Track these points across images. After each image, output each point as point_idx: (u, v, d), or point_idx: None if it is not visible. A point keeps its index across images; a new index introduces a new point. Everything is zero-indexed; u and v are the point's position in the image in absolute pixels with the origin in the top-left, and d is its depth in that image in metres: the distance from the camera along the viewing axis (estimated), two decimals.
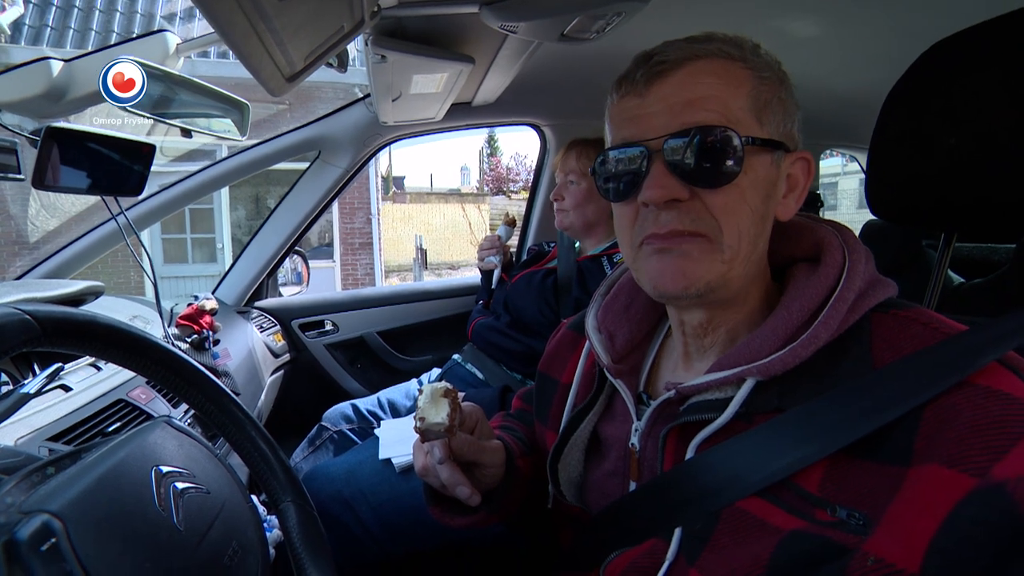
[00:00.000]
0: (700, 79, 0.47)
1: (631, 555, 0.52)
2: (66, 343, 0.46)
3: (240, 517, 0.51)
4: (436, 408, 0.52)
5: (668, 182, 0.47)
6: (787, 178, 0.52)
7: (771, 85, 0.49)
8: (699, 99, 0.47)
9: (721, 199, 0.47)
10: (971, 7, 0.71)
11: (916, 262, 1.76)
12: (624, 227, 0.53)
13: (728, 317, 0.53)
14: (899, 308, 0.47)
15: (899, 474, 0.38)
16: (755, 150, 0.48)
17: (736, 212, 0.47)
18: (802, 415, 0.44)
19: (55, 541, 0.34)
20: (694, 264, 0.48)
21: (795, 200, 0.53)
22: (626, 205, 0.52)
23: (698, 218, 0.47)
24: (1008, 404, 0.36)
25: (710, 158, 0.46)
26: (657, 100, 0.48)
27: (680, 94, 0.48)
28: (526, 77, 1.42)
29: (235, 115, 1.06)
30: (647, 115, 0.49)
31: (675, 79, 0.48)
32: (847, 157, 2.82)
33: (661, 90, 0.48)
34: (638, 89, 0.49)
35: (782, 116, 0.50)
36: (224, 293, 1.75)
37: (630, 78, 0.50)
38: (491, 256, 1.62)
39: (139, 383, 0.93)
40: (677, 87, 0.48)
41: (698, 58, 0.48)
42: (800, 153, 0.52)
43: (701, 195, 0.47)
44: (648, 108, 0.49)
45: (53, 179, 0.96)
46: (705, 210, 0.47)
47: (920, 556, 0.35)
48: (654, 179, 0.48)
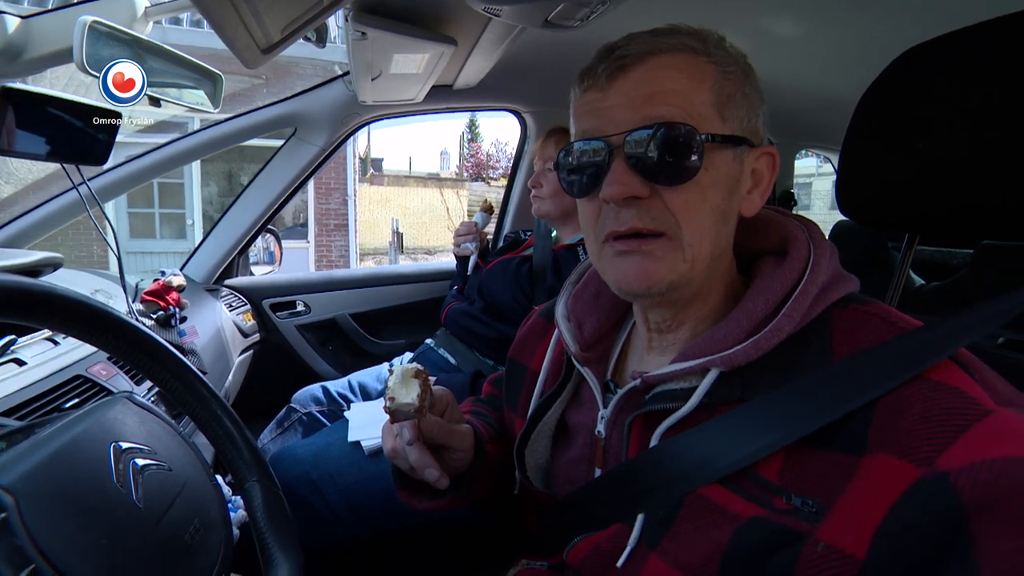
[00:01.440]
0: (662, 73, 0.47)
1: (595, 539, 0.53)
2: (20, 315, 0.45)
3: (203, 496, 0.50)
4: (406, 388, 0.52)
5: (628, 179, 0.47)
6: (752, 173, 0.52)
7: (735, 79, 0.49)
8: (660, 93, 0.47)
9: (681, 197, 0.47)
10: (947, 16, 0.73)
11: (881, 263, 1.82)
12: (588, 222, 0.52)
13: (691, 314, 0.54)
14: (859, 303, 0.48)
15: (852, 463, 0.39)
16: (716, 146, 0.47)
17: (696, 210, 0.47)
18: (763, 405, 0.45)
19: (5, 516, 0.33)
20: (656, 264, 0.48)
21: (760, 195, 0.53)
22: (589, 201, 0.51)
23: (658, 216, 0.47)
24: (956, 398, 0.38)
25: (671, 154, 0.46)
26: (618, 94, 0.48)
27: (641, 88, 0.47)
28: (508, 62, 1.41)
29: (208, 86, 1.02)
30: (608, 108, 0.48)
31: (637, 73, 0.47)
32: (822, 158, 2.89)
33: (623, 84, 0.48)
34: (600, 83, 0.49)
35: (746, 111, 0.50)
36: (193, 270, 1.70)
37: (592, 71, 0.50)
38: (467, 242, 1.61)
39: (99, 359, 0.90)
40: (638, 81, 0.47)
41: (661, 52, 0.47)
42: (765, 148, 0.52)
43: (661, 192, 0.47)
44: (609, 102, 0.48)
45: (8, 143, 0.91)
46: (665, 208, 0.47)
47: (867, 542, 0.36)
48: (614, 176, 0.47)
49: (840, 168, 0.74)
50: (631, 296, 0.52)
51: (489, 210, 1.71)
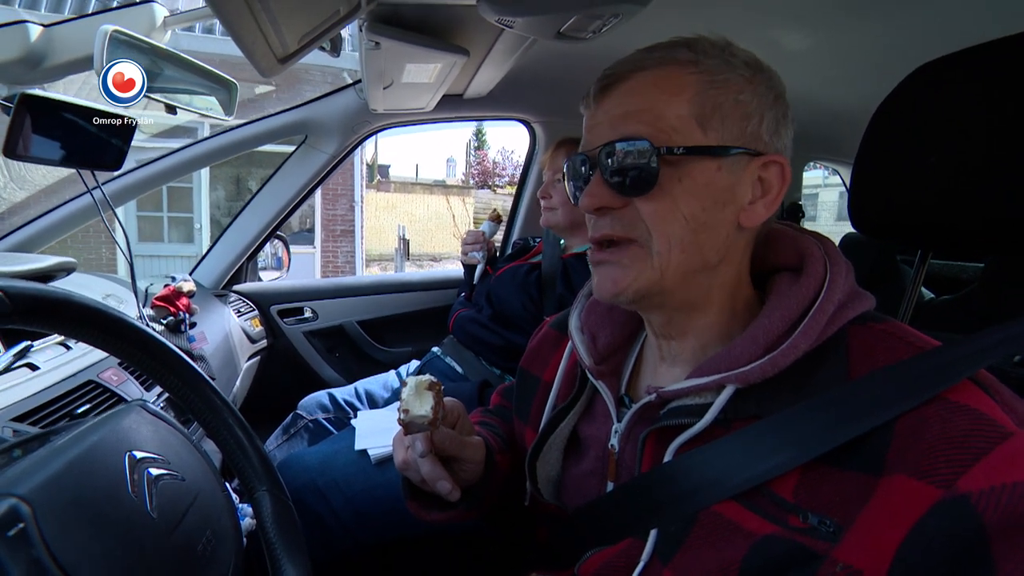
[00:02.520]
0: (638, 91, 0.49)
1: (606, 554, 0.52)
2: (38, 321, 0.45)
3: (215, 505, 0.50)
4: (420, 401, 0.52)
5: (600, 191, 0.50)
6: (759, 182, 0.50)
7: (728, 87, 0.48)
8: (633, 112, 0.49)
9: (651, 207, 0.49)
10: (960, 33, 0.73)
11: (891, 277, 1.81)
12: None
13: (692, 323, 0.53)
14: (876, 321, 0.48)
15: (870, 483, 0.39)
16: (691, 158, 0.47)
17: (666, 219, 0.48)
18: (779, 423, 0.44)
19: (23, 526, 0.33)
20: (623, 272, 0.51)
21: (764, 206, 0.51)
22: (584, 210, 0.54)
23: (630, 224, 0.50)
24: (976, 420, 0.38)
25: (633, 168, 0.48)
26: (601, 113, 0.51)
27: (618, 107, 0.50)
28: (519, 73, 1.41)
29: (222, 93, 1.03)
30: (594, 127, 0.52)
31: (616, 93, 0.50)
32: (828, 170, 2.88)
33: (604, 104, 0.51)
34: (590, 102, 0.53)
35: (740, 118, 0.48)
36: (202, 275, 1.71)
37: (590, 91, 0.53)
38: (475, 252, 1.61)
39: (110, 364, 0.90)
40: (616, 100, 0.50)
41: (641, 70, 0.50)
42: (771, 156, 0.50)
43: (636, 203, 0.49)
44: (596, 120, 0.52)
45: (24, 148, 0.92)
46: (638, 217, 0.49)
47: (887, 564, 0.36)
48: (590, 187, 0.51)
49: (853, 181, 0.74)
50: (607, 301, 0.55)
51: (497, 219, 1.71)
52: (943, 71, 0.65)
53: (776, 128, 0.50)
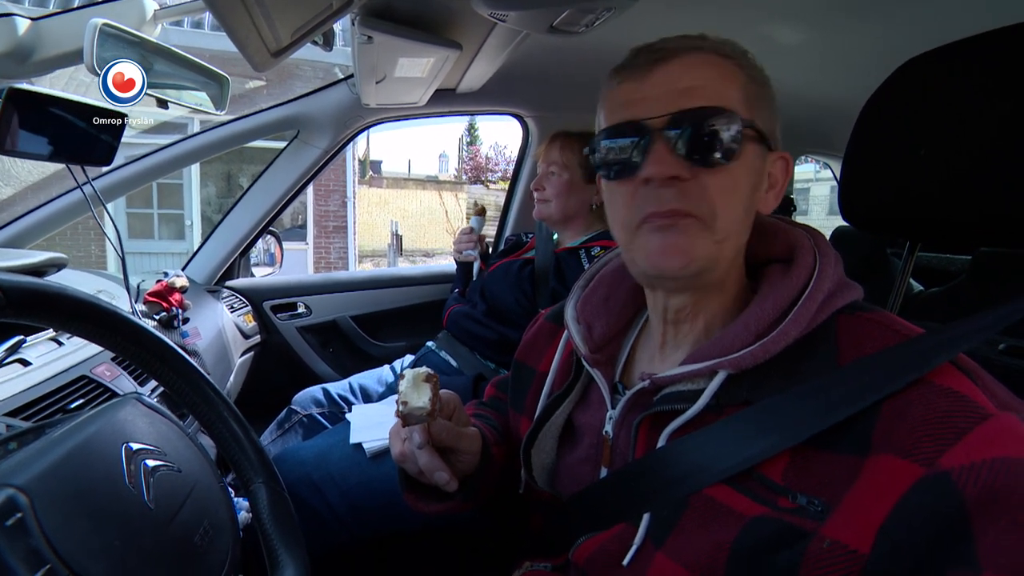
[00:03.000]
0: (698, 69, 0.49)
1: (599, 539, 0.53)
2: (33, 315, 0.45)
3: (211, 497, 0.50)
4: (418, 393, 0.53)
5: (670, 159, 0.48)
6: (768, 175, 0.54)
7: (759, 85, 0.52)
8: (696, 87, 0.49)
9: (719, 181, 0.48)
10: (949, 26, 0.74)
11: (881, 269, 1.83)
12: (620, 207, 0.53)
13: (708, 304, 0.54)
14: (864, 310, 0.49)
15: (857, 464, 0.40)
16: (750, 138, 0.49)
17: (730, 196, 0.49)
18: (769, 408, 0.46)
19: (21, 516, 0.33)
20: (692, 241, 0.49)
21: (774, 197, 0.55)
22: (623, 185, 0.52)
23: (696, 200, 0.48)
24: (958, 401, 0.39)
25: (711, 138, 0.47)
26: (656, 85, 0.50)
27: (679, 80, 0.49)
28: (512, 67, 1.41)
29: (214, 88, 1.02)
30: (647, 98, 0.50)
31: (674, 66, 0.49)
32: (820, 164, 2.90)
33: (660, 76, 0.50)
34: (638, 74, 0.51)
35: (768, 115, 0.52)
36: (194, 271, 1.70)
37: (629, 65, 0.52)
38: (469, 249, 1.61)
39: (103, 359, 0.90)
40: (676, 74, 0.49)
41: (695, 50, 0.50)
42: (781, 153, 0.54)
43: (699, 176, 0.48)
44: (647, 92, 0.50)
45: (12, 144, 0.91)
46: (702, 192, 0.48)
47: (871, 538, 0.37)
48: (656, 155, 0.48)
49: (843, 175, 0.75)
50: (664, 277, 0.51)
51: (482, 212, 1.70)
52: (932, 64, 0.66)
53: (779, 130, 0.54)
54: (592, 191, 1.35)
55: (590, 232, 1.38)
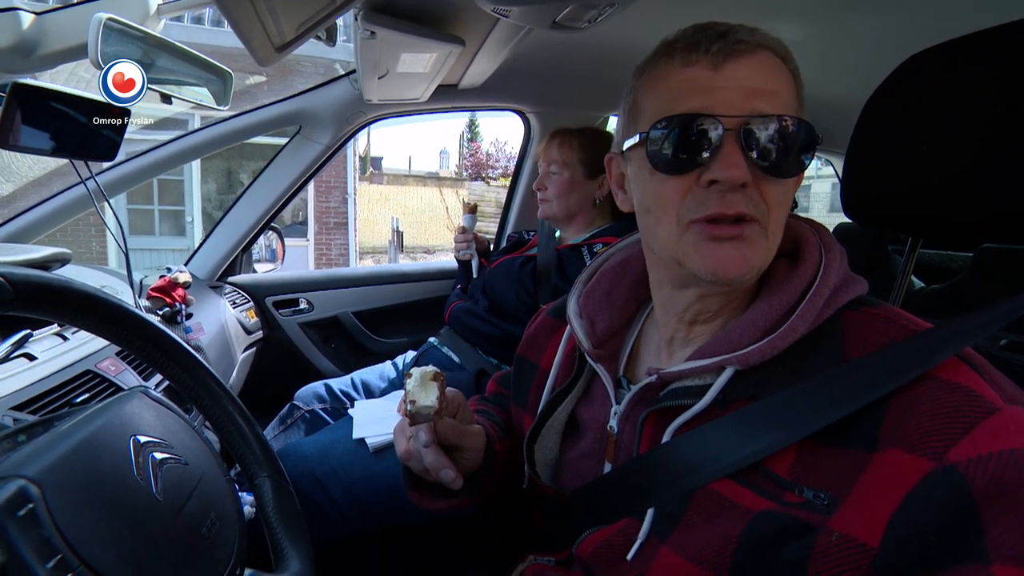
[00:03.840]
0: (769, 71, 0.48)
1: (604, 533, 0.54)
2: (39, 308, 0.45)
3: (218, 489, 0.51)
4: (426, 391, 0.53)
5: (743, 163, 0.46)
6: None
7: (801, 90, 0.51)
8: (770, 91, 0.47)
9: (779, 189, 0.48)
10: (950, 22, 0.74)
11: (882, 265, 1.83)
12: (668, 202, 0.50)
13: (731, 304, 0.54)
14: (869, 305, 0.49)
15: (864, 459, 0.40)
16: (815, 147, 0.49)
17: (783, 203, 0.49)
18: (776, 403, 0.46)
19: (32, 507, 0.34)
20: (753, 250, 0.48)
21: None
22: (678, 179, 0.49)
23: (756, 203, 0.47)
24: (965, 396, 0.39)
25: (789, 147, 0.47)
26: (731, 78, 0.47)
27: (754, 79, 0.47)
28: (514, 63, 1.41)
29: (216, 83, 1.02)
30: (720, 89, 0.47)
31: (750, 63, 0.47)
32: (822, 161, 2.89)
33: (737, 69, 0.47)
34: (714, 61, 0.47)
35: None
36: (196, 267, 1.70)
37: (700, 47, 0.48)
38: (465, 249, 1.61)
39: (108, 354, 0.90)
40: (753, 71, 0.47)
41: (765, 48, 0.48)
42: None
43: (759, 182, 0.47)
44: (722, 83, 0.47)
45: (16, 138, 0.91)
46: (760, 197, 0.47)
47: (880, 532, 0.37)
48: (732, 159, 0.46)
49: (845, 171, 0.75)
50: (723, 283, 0.49)
51: (472, 210, 1.69)
52: (934, 60, 0.66)
53: None
54: (594, 186, 1.35)
55: (593, 229, 1.38)
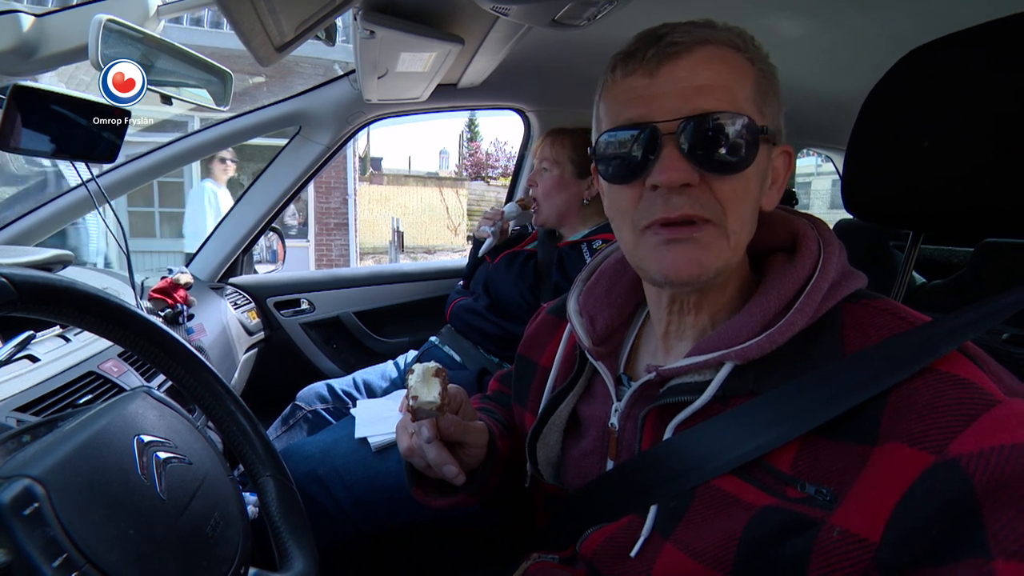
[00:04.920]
0: (711, 65, 0.47)
1: (607, 531, 0.54)
2: (42, 309, 0.45)
3: (221, 489, 0.51)
4: (428, 387, 0.53)
5: (682, 166, 0.46)
6: (772, 170, 0.53)
7: (767, 78, 0.50)
8: (710, 87, 0.47)
9: (730, 186, 0.48)
10: (950, 16, 0.74)
11: (883, 261, 1.83)
12: (623, 210, 0.51)
13: (712, 299, 0.54)
14: (869, 299, 0.49)
15: (865, 452, 0.40)
16: (761, 139, 0.49)
17: (741, 199, 0.48)
18: (776, 398, 0.46)
19: (38, 506, 0.34)
20: (705, 251, 0.48)
21: (776, 192, 0.54)
22: (629, 188, 0.50)
23: (706, 203, 0.47)
24: (965, 388, 0.39)
25: (726, 144, 0.46)
26: (667, 82, 0.47)
27: (692, 78, 0.47)
28: (514, 61, 1.41)
29: (217, 84, 1.02)
30: (657, 96, 0.47)
31: (687, 62, 0.47)
32: (822, 157, 2.88)
33: (672, 72, 0.47)
34: (648, 68, 0.48)
35: (775, 109, 0.51)
36: (197, 268, 1.70)
37: (637, 56, 0.48)
38: (487, 226, 1.57)
39: (110, 355, 0.90)
40: (689, 70, 0.47)
41: (708, 43, 0.48)
42: (784, 147, 0.54)
43: (709, 181, 0.47)
44: (658, 89, 0.47)
45: (16, 141, 0.91)
46: (712, 196, 0.47)
47: (881, 527, 0.37)
48: (668, 162, 0.47)
49: (846, 166, 0.75)
50: (678, 285, 0.50)
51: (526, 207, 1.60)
52: (934, 55, 0.66)
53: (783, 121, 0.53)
54: (584, 186, 1.36)
55: (589, 226, 1.38)
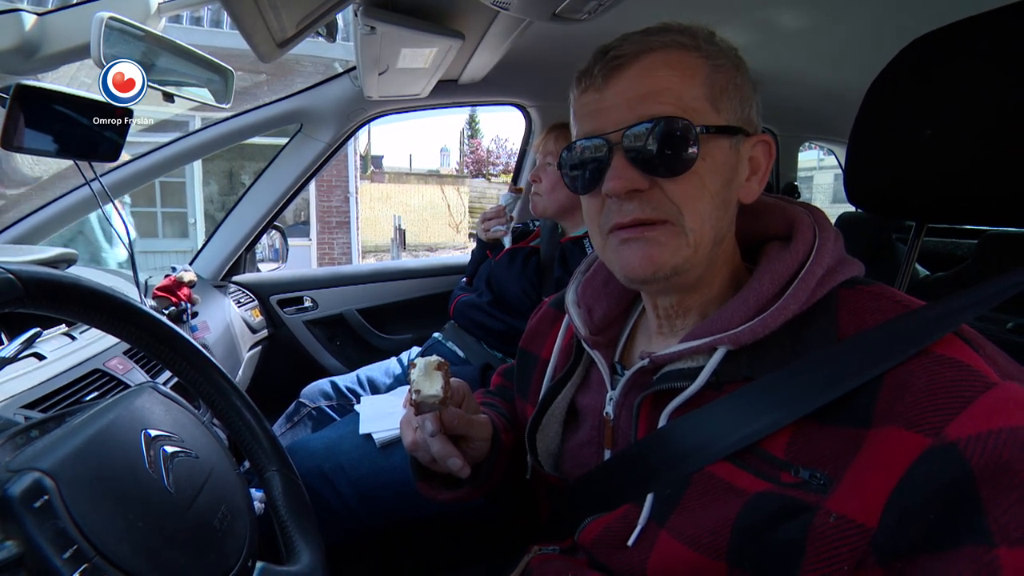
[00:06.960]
0: (655, 72, 0.49)
1: (605, 520, 0.54)
2: (49, 305, 0.46)
3: (228, 482, 0.51)
4: (430, 381, 0.53)
5: (628, 173, 0.49)
6: (749, 161, 0.53)
7: (726, 72, 0.51)
8: (654, 92, 0.49)
9: (681, 187, 0.49)
10: (951, 6, 0.73)
11: (886, 254, 1.82)
12: (592, 217, 0.54)
13: (697, 299, 0.55)
14: (865, 284, 0.49)
15: (860, 436, 0.40)
16: (712, 137, 0.49)
17: (697, 198, 0.49)
18: (770, 383, 0.46)
19: (48, 499, 0.34)
20: (660, 249, 0.50)
21: (757, 182, 0.54)
22: (592, 197, 0.53)
23: (659, 206, 0.49)
24: (960, 371, 0.39)
25: (667, 148, 0.48)
26: (615, 94, 0.50)
27: (636, 88, 0.49)
28: (514, 56, 1.41)
29: (218, 82, 1.03)
30: (605, 109, 0.50)
31: (631, 73, 0.49)
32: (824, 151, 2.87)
33: (618, 84, 0.50)
34: (596, 84, 0.51)
35: (739, 102, 0.51)
36: (200, 267, 1.71)
37: (588, 73, 0.52)
38: (498, 226, 1.55)
39: (116, 353, 0.91)
40: (633, 81, 0.49)
41: (652, 51, 0.49)
42: (760, 136, 0.54)
43: (661, 184, 0.49)
44: (606, 102, 0.50)
45: (20, 140, 0.92)
46: (665, 198, 0.49)
47: (878, 511, 0.37)
48: (615, 171, 0.49)
49: (848, 158, 0.75)
50: (637, 283, 0.53)
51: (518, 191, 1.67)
52: (935, 45, 0.66)
53: (758, 111, 0.54)
54: None
55: None
